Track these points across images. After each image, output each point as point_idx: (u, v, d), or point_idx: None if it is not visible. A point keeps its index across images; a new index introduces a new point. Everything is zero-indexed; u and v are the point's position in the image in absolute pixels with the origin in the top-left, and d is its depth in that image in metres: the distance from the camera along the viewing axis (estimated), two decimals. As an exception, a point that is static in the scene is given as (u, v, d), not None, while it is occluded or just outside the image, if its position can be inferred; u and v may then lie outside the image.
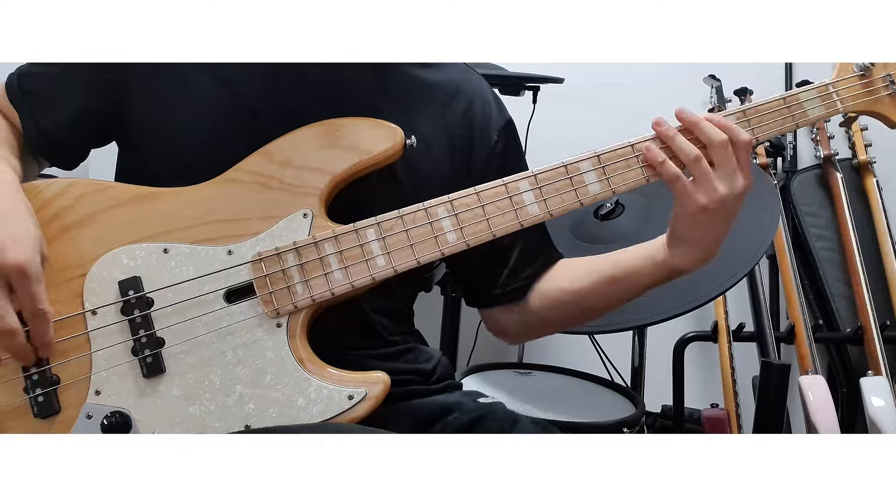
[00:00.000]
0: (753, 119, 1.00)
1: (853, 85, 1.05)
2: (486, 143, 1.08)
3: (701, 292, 1.44)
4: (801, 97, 1.02)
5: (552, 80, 1.92)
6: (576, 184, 0.96)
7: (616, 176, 0.97)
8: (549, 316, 1.11)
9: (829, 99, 1.03)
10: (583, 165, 0.97)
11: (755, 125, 1.00)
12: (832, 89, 1.04)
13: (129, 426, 0.88)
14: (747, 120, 1.00)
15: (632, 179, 0.97)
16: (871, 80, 1.05)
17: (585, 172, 0.97)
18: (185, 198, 0.94)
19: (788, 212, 2.19)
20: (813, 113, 1.03)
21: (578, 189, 0.96)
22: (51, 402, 0.88)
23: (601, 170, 0.97)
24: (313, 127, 0.96)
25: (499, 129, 1.09)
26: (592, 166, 0.97)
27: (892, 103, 1.06)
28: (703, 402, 2.12)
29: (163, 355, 0.90)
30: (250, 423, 0.89)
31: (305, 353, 0.92)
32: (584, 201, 0.97)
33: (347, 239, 0.93)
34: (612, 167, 0.97)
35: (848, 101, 1.04)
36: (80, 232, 0.92)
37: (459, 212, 0.95)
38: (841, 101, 1.04)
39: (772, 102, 1.02)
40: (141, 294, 0.91)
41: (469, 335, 2.17)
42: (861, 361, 2.01)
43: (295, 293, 0.92)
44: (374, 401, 0.90)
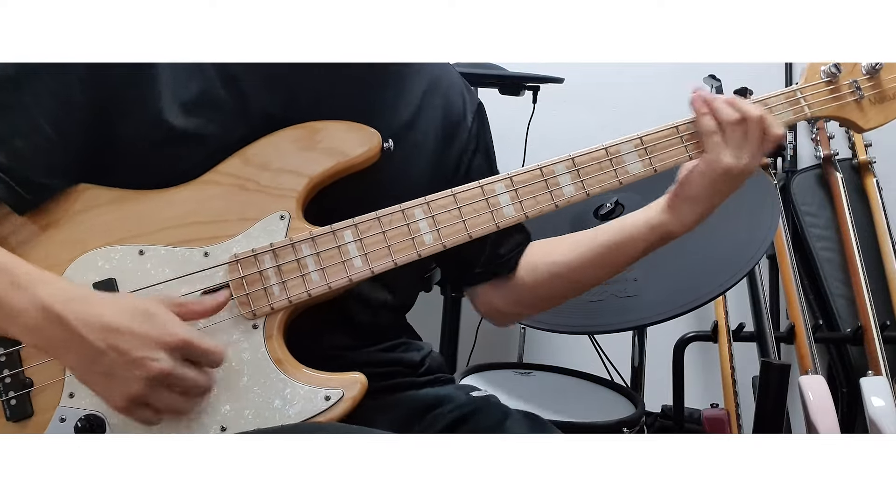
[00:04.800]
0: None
1: (820, 91, 1.07)
2: (464, 128, 1.11)
3: (701, 292, 1.44)
4: (770, 102, 1.05)
5: (552, 80, 1.92)
6: (550, 186, 0.99)
7: (589, 178, 1.00)
8: (541, 290, 1.13)
9: (797, 104, 1.06)
10: (557, 168, 0.99)
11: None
12: (800, 95, 1.06)
13: (102, 429, 0.87)
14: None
15: (606, 181, 1.00)
16: (838, 86, 1.07)
17: (560, 175, 0.99)
18: (162, 200, 0.93)
19: (788, 212, 2.19)
20: (782, 118, 1.05)
21: (553, 191, 0.99)
22: (24, 405, 0.87)
23: (575, 172, 0.99)
24: (291, 130, 0.95)
25: (472, 111, 1.13)
26: (567, 169, 0.99)
27: (857, 108, 1.08)
28: (703, 402, 2.12)
29: None
30: (226, 424, 0.89)
31: (282, 355, 0.92)
32: (559, 203, 0.99)
33: (324, 240, 0.94)
34: (585, 170, 0.99)
35: (815, 107, 1.07)
36: (56, 233, 0.91)
37: (436, 213, 0.96)
38: (808, 107, 1.06)
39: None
40: None
41: (469, 335, 2.18)
42: (861, 361, 2.01)
43: (271, 295, 0.92)
44: (351, 401, 0.90)
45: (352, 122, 0.96)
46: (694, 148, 1.02)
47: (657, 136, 1.02)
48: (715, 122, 0.99)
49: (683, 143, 1.02)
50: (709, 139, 1.00)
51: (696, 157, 1.01)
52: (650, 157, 1.01)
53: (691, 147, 1.02)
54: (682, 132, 1.02)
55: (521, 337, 2.18)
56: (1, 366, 0.88)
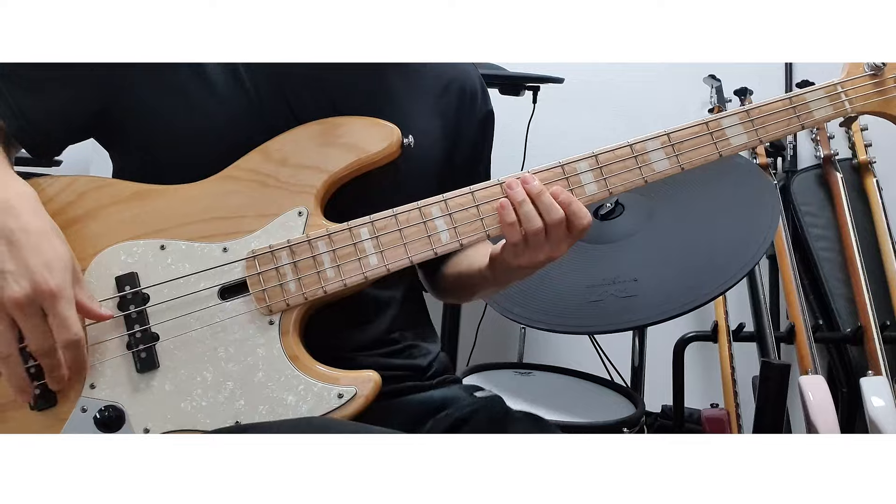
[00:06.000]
0: (757, 120, 0.99)
1: (863, 85, 1.02)
2: (471, 131, 1.13)
3: (701, 292, 1.44)
4: (808, 97, 1.00)
5: (552, 80, 1.92)
6: (572, 184, 0.97)
7: (613, 177, 0.97)
8: (450, 289, 1.17)
9: (837, 99, 1.01)
10: (580, 166, 0.97)
11: (759, 125, 0.99)
12: (841, 89, 1.01)
13: (122, 420, 0.89)
14: (751, 121, 0.99)
15: (630, 180, 0.98)
16: (883, 79, 1.02)
17: (582, 173, 0.97)
18: (183, 195, 0.94)
19: (788, 212, 2.19)
20: (820, 114, 1.00)
21: (575, 189, 0.97)
22: (47, 394, 0.89)
23: (598, 170, 0.97)
24: (312, 125, 0.96)
25: (480, 118, 1.15)
26: (590, 167, 0.97)
27: None
28: (703, 402, 2.12)
29: (156, 350, 0.91)
30: (240, 419, 0.89)
31: (297, 351, 0.92)
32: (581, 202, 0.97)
33: (341, 237, 0.94)
34: (609, 168, 0.97)
35: (857, 102, 1.01)
36: (80, 228, 0.93)
37: (454, 211, 0.95)
38: (850, 102, 1.01)
39: (776, 103, 1.00)
40: (137, 290, 0.92)
41: (469, 335, 2.18)
42: (861, 361, 2.01)
43: (287, 291, 0.93)
44: (364, 400, 0.90)
45: (372, 118, 0.97)
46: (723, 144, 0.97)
47: (684, 133, 0.98)
48: (520, 233, 0.93)
49: (713, 140, 0.98)
50: (508, 245, 0.95)
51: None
52: (677, 154, 0.98)
53: (721, 144, 0.97)
54: (711, 129, 0.98)
55: (521, 337, 2.18)
56: (25, 356, 0.88)
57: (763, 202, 1.54)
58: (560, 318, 1.53)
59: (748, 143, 0.99)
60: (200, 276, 0.92)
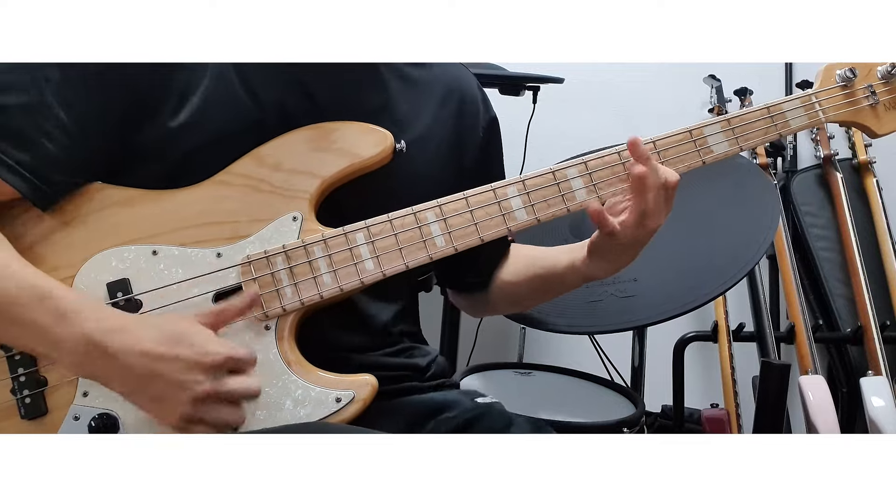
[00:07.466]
0: (738, 128, 1.03)
1: (835, 96, 1.07)
2: (475, 139, 1.12)
3: (701, 292, 1.43)
4: (785, 107, 1.04)
5: (552, 80, 1.92)
6: (563, 190, 0.98)
7: (602, 183, 0.99)
8: (496, 302, 1.20)
9: (811, 109, 1.06)
10: (570, 172, 0.98)
11: (739, 134, 1.03)
12: (815, 100, 1.06)
13: (115, 428, 0.88)
14: (731, 129, 1.03)
15: (620, 188, 0.99)
16: (853, 90, 1.07)
17: (573, 179, 0.98)
18: (176, 200, 0.93)
19: (788, 212, 2.19)
20: (795, 123, 1.05)
21: (566, 195, 0.98)
22: (38, 403, 0.88)
23: (588, 176, 0.99)
24: (304, 130, 0.95)
25: (484, 125, 1.14)
26: (579, 173, 0.98)
27: (872, 114, 1.08)
28: (703, 402, 2.12)
29: None
30: (237, 425, 0.89)
31: (294, 356, 0.92)
32: (571, 208, 0.99)
33: (336, 242, 0.94)
34: (598, 174, 0.99)
35: (830, 112, 1.07)
36: (70, 233, 0.91)
37: (448, 216, 0.96)
38: (823, 112, 1.06)
39: (755, 112, 1.04)
40: (129, 296, 0.90)
41: (469, 335, 2.18)
42: (861, 361, 2.01)
43: (283, 296, 0.92)
44: (362, 403, 0.90)
45: (365, 124, 0.97)
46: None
47: (669, 141, 1.01)
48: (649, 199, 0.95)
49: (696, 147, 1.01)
50: (640, 197, 0.95)
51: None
52: (662, 161, 0.99)
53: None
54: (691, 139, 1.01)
55: (521, 337, 2.18)
56: (15, 364, 0.88)
57: (763, 202, 1.54)
58: (560, 318, 1.53)
59: (729, 150, 1.04)
60: (194, 281, 0.91)
